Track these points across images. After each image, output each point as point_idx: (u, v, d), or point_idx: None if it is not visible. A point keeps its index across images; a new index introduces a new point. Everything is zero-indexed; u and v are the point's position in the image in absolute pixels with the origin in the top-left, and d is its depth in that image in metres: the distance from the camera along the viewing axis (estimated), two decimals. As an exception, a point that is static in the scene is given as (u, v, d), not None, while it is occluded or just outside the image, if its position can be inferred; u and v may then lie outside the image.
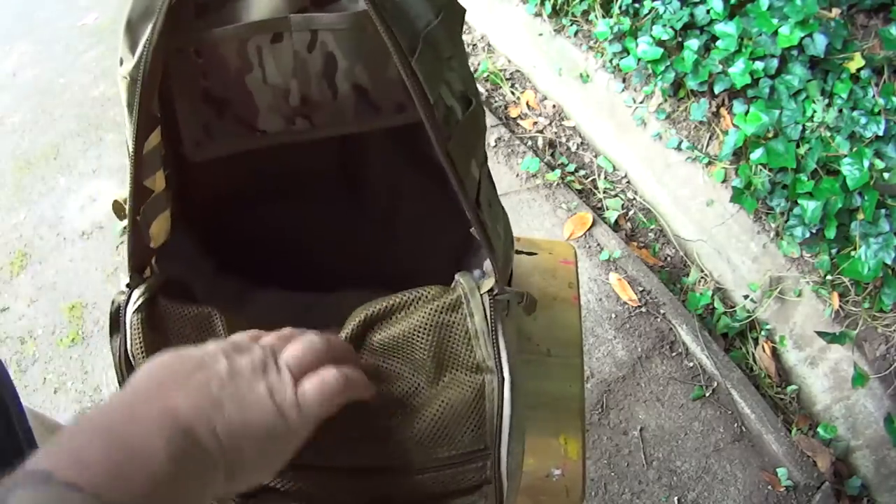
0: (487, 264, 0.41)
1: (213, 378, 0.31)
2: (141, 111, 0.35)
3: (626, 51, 1.61)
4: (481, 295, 0.39)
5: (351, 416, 0.37)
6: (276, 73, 0.38)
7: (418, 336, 0.39)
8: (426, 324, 0.39)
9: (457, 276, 0.40)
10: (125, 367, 0.39)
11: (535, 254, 0.74)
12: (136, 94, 0.34)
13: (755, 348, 1.50)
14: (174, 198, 0.43)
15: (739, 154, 1.46)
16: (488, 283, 0.39)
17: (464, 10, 0.43)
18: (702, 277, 1.59)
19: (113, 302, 0.38)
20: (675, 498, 1.32)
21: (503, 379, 0.38)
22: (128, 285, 0.39)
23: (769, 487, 1.33)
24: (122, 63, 0.35)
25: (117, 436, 0.26)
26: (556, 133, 1.82)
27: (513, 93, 1.90)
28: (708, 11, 1.46)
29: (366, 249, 0.53)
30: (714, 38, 1.47)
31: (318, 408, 0.33)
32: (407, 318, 0.39)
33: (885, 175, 1.26)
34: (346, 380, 0.34)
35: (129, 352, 0.39)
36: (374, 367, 0.39)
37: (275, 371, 0.32)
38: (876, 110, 1.29)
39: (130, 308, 0.38)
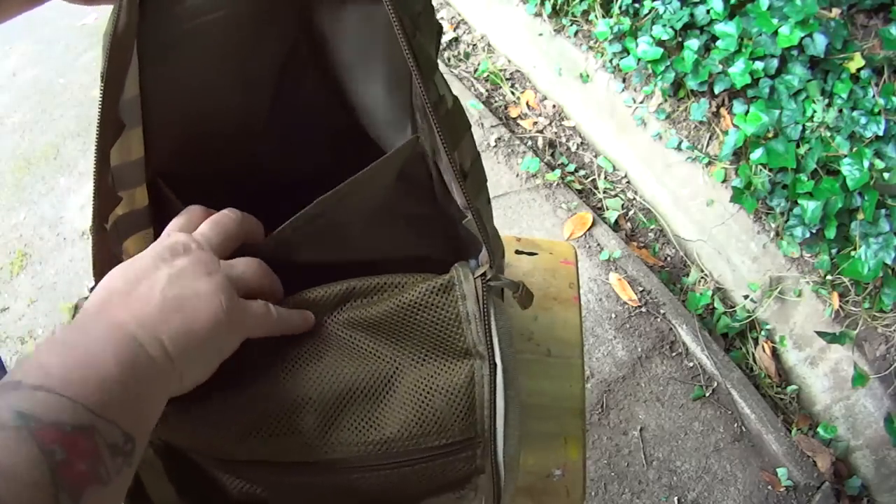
0: (482, 254, 0.40)
1: (155, 285, 0.32)
2: (104, 112, 0.34)
3: (626, 51, 1.61)
4: (475, 279, 0.37)
5: (327, 401, 0.35)
6: None
7: (405, 315, 0.37)
8: (415, 303, 0.37)
9: (455, 265, 0.39)
10: None
11: (536, 254, 0.74)
12: (100, 93, 0.34)
13: (755, 348, 1.50)
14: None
15: (739, 154, 1.46)
16: (482, 268, 0.38)
17: (440, 28, 0.42)
18: (702, 277, 1.59)
19: (76, 307, 0.37)
20: (675, 498, 1.32)
21: (494, 365, 0.36)
22: (91, 289, 0.37)
23: (769, 487, 1.33)
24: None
25: (72, 347, 0.29)
26: (556, 133, 1.82)
27: (513, 93, 1.90)
28: (708, 11, 1.46)
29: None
30: (714, 38, 1.47)
31: (253, 325, 0.35)
32: (394, 297, 0.37)
33: (885, 175, 1.26)
34: (285, 318, 0.37)
35: None
36: (353, 343, 0.37)
37: (216, 273, 0.34)
38: (876, 110, 1.29)
39: None
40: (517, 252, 0.73)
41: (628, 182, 1.74)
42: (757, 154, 1.36)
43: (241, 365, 0.36)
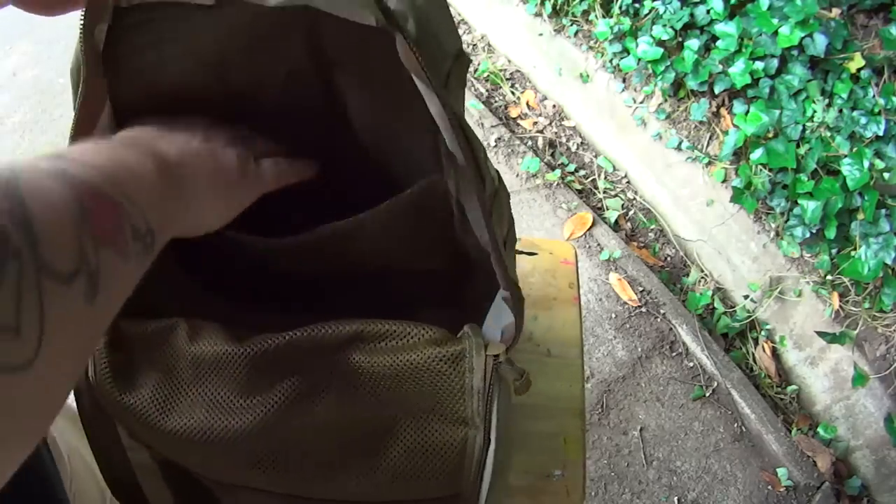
0: (509, 326, 0.39)
1: (193, 137, 0.37)
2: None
3: (626, 51, 1.61)
4: (486, 356, 0.38)
5: (327, 440, 0.36)
6: None
7: (410, 375, 0.37)
8: (422, 366, 0.37)
9: (466, 328, 0.39)
10: (86, 394, 0.38)
11: (536, 254, 0.74)
12: (71, 129, 0.34)
13: (755, 348, 1.50)
14: None
15: (739, 154, 1.46)
16: (497, 347, 0.38)
17: (469, 61, 0.40)
18: (702, 277, 1.59)
19: None
20: (675, 498, 1.32)
21: (489, 441, 0.37)
22: None
23: (769, 487, 1.33)
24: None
25: (116, 156, 0.30)
26: (556, 133, 1.82)
27: (513, 93, 1.90)
28: (708, 11, 1.46)
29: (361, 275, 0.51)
30: (714, 38, 1.47)
31: (268, 177, 0.40)
32: (402, 351, 0.38)
33: (885, 175, 1.26)
34: (295, 168, 0.43)
35: (91, 377, 0.37)
36: (358, 388, 0.37)
37: (242, 146, 0.40)
38: (876, 110, 1.29)
39: None
40: (517, 252, 0.73)
41: (628, 182, 1.74)
42: (757, 154, 1.36)
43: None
